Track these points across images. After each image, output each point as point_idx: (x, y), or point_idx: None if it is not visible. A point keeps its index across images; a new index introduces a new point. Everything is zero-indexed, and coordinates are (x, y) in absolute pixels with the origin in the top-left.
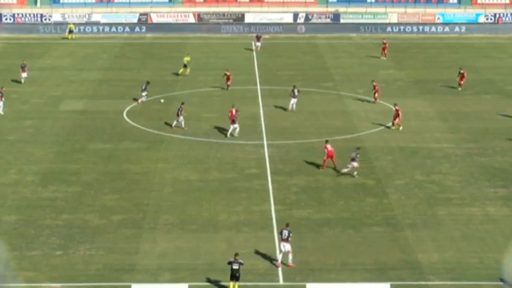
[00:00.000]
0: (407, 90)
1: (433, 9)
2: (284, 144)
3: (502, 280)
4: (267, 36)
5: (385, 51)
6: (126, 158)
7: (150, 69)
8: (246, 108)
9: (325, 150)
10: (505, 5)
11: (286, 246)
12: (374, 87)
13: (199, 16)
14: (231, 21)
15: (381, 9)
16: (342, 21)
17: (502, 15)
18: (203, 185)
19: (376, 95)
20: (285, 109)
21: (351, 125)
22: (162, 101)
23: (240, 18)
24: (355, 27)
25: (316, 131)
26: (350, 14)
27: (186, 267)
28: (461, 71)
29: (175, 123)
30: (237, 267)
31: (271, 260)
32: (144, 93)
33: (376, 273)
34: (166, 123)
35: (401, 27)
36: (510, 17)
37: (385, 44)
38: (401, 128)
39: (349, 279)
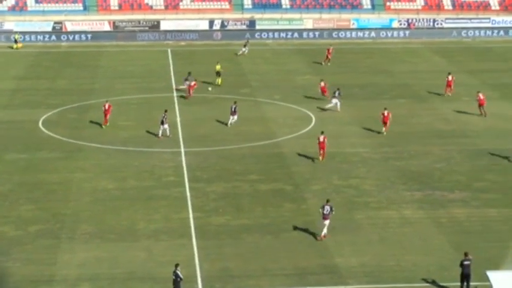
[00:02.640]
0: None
1: (348, 15)
2: (202, 152)
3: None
4: (182, 43)
5: (329, 57)
6: (43, 168)
7: (67, 77)
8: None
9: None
10: (417, 11)
11: (326, 222)
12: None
13: (114, 24)
14: (147, 28)
15: (296, 15)
16: (257, 27)
17: (414, 20)
18: (121, 194)
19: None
20: (202, 119)
21: (269, 131)
22: (209, 89)
23: (155, 25)
24: (271, 33)
25: (234, 137)
26: (265, 21)
27: (105, 276)
28: (449, 78)
29: (160, 132)
30: (174, 278)
31: (191, 267)
32: (186, 82)
33: (295, 278)
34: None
35: (317, 33)
36: (422, 22)
37: (329, 50)
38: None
39: (269, 285)
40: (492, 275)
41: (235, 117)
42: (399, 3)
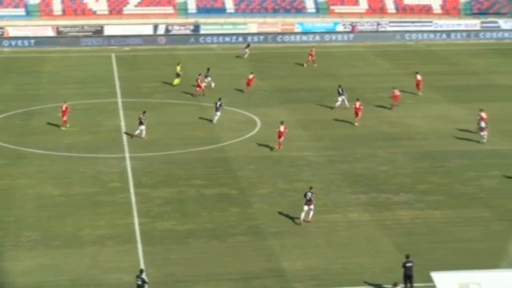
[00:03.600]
0: (268, 99)
1: (292, 19)
2: (147, 157)
3: None
4: (127, 48)
5: (313, 59)
6: None
7: (10, 83)
8: (107, 121)
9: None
10: (361, 14)
11: (310, 207)
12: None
13: (58, 29)
14: (91, 34)
15: (241, 20)
16: (202, 32)
17: (358, 23)
18: (66, 200)
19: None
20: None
21: (214, 136)
22: (212, 85)
23: (99, 30)
24: (215, 38)
25: (180, 142)
26: (210, 25)
27: (51, 284)
28: (418, 77)
29: (137, 132)
30: (139, 283)
31: (136, 273)
32: (207, 79)
33: (241, 282)
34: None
35: (261, 37)
36: (366, 26)
37: (311, 52)
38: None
39: None
40: (436, 276)
41: (219, 114)
42: (343, 7)
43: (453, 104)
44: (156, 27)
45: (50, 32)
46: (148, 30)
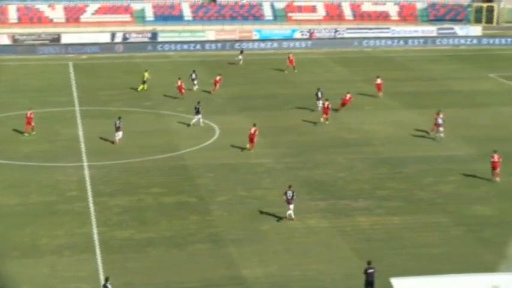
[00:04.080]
0: (227, 107)
1: (250, 26)
2: (105, 165)
3: None
4: (84, 56)
5: (293, 65)
6: None
7: None
8: (65, 130)
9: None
10: (319, 21)
11: (291, 206)
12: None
13: (13, 37)
14: (47, 42)
15: (198, 27)
16: (159, 39)
17: (315, 30)
18: (24, 209)
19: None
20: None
21: (172, 144)
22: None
23: (56, 39)
24: (173, 45)
25: (138, 150)
26: (168, 33)
27: None
28: (378, 81)
29: (118, 138)
30: None
31: (95, 282)
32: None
33: None
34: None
35: (219, 45)
36: (324, 32)
37: (289, 57)
38: (325, 121)
39: None
40: (396, 282)
41: (199, 117)
42: (301, 14)
43: (410, 109)
44: (113, 35)
45: (6, 40)
46: (105, 38)
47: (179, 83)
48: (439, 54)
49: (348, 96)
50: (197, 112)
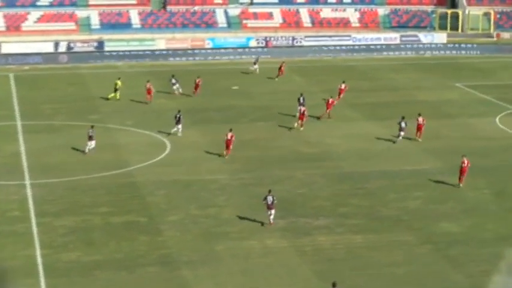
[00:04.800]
0: None
1: (203, 34)
2: (49, 183)
3: None
4: (26, 67)
5: (283, 74)
6: None
7: None
8: (6, 146)
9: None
10: (275, 28)
11: (272, 211)
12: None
13: None
14: None
15: (148, 36)
16: (106, 48)
17: (272, 38)
18: None
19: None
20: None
21: (121, 159)
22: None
23: None
24: (121, 55)
25: (84, 167)
26: (115, 42)
27: None
28: (342, 86)
29: (87, 148)
30: None
31: None
32: (175, 86)
33: None
34: None
35: (170, 54)
36: (281, 40)
37: (281, 66)
38: (299, 127)
39: None
40: None
41: (179, 126)
42: (256, 21)
43: (373, 121)
44: (57, 44)
45: None
46: (48, 47)
47: (148, 85)
48: (403, 62)
49: (331, 100)
50: (178, 121)
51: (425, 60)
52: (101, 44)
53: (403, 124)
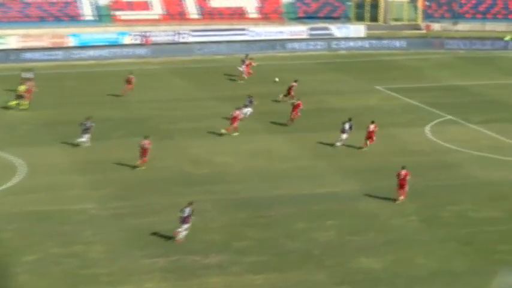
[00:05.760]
0: (36, 136)
1: (64, 29)
2: None
3: None
4: None
5: (249, 71)
6: None
7: None
8: None
9: None
10: (155, 21)
11: (185, 226)
12: None
13: None
14: None
15: None
16: None
17: (151, 34)
18: None
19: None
20: None
21: None
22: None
23: None
24: None
25: None
26: None
27: None
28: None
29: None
30: None
31: None
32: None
33: None
34: None
35: (26, 53)
36: (162, 36)
37: (249, 64)
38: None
39: None
40: None
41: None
42: (131, 13)
43: (275, 135)
44: None
45: None
46: None
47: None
48: (312, 61)
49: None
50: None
51: (339, 59)
52: None
53: (346, 126)
